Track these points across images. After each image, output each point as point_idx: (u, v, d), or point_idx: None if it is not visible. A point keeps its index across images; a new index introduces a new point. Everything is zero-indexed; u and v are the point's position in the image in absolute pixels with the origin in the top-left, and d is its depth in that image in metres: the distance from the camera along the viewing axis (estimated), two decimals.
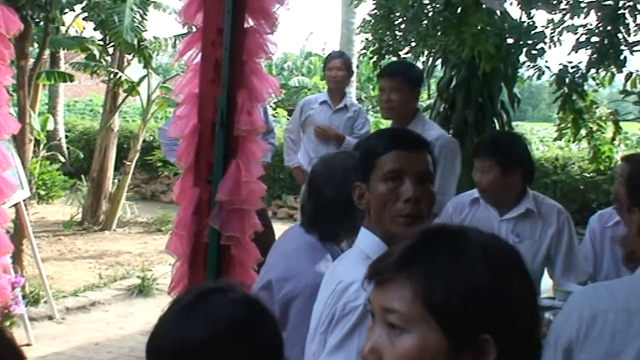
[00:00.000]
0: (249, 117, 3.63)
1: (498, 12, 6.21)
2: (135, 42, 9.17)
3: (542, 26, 6.42)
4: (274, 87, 3.89)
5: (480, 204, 3.67)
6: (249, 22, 3.79)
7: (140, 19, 9.22)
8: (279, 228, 2.73)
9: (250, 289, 2.85)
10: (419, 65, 6.93)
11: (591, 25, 5.93)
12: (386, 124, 17.37)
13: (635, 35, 6.18)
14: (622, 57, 5.82)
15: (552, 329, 2.00)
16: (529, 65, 6.47)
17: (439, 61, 7.08)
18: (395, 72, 4.40)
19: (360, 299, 1.79)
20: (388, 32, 6.02)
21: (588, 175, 9.32)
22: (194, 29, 3.93)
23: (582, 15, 6.08)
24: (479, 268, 1.17)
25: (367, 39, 6.46)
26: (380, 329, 1.22)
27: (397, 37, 6.14)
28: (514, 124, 20.71)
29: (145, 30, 9.51)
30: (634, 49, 6.09)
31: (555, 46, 6.47)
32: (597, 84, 6.78)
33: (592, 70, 6.03)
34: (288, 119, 11.98)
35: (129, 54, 9.73)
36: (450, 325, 1.15)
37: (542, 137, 15.75)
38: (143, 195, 12.68)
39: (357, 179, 2.05)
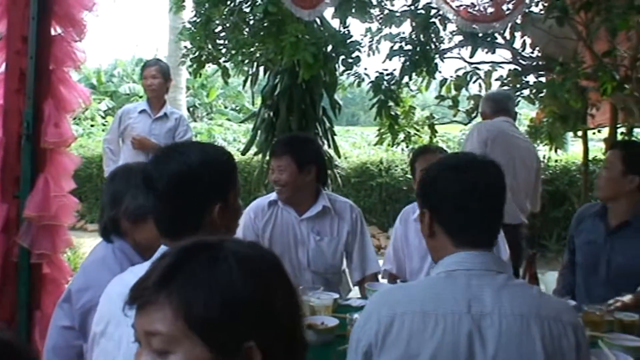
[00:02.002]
0: (56, 128, 3.52)
1: (318, 21, 6.35)
2: None
3: (361, 35, 6.65)
4: (84, 97, 3.78)
5: (279, 206, 3.76)
6: (56, 30, 3.67)
7: None
8: None
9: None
10: (242, 73, 6.99)
11: (404, 33, 6.19)
12: (220, 130, 17.37)
13: (450, 42, 6.54)
14: (433, 64, 6.10)
15: (353, 331, 2.00)
16: (349, 73, 6.67)
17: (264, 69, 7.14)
18: None
19: None
20: (208, 40, 5.99)
21: (410, 177, 9.70)
22: None
23: (398, 24, 6.36)
24: (236, 278, 1.19)
25: (185, 46, 6.40)
26: (147, 355, 1.20)
27: (218, 45, 6.12)
28: (345, 128, 21.19)
29: None
30: (445, 56, 6.44)
31: (373, 54, 6.71)
32: (410, 90, 7.08)
33: (406, 78, 6.26)
34: None
35: None
36: (212, 338, 1.16)
37: (370, 140, 16.29)
38: None
39: (210, 197, 2.02)
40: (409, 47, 6.04)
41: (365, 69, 6.68)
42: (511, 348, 1.79)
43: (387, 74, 6.28)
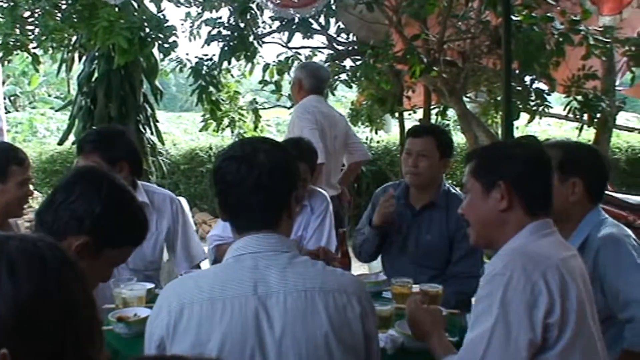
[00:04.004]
0: None
1: (136, 5, 6.20)
2: None
3: (181, 19, 6.59)
4: None
5: None
6: None
7: None
8: None
9: None
10: (55, 60, 6.71)
11: (221, 18, 6.19)
12: (42, 120, 16.62)
13: (269, 27, 6.60)
14: (252, 48, 6.13)
15: (147, 325, 1.97)
16: (171, 58, 6.57)
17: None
18: None
19: None
20: (16, 26, 5.67)
21: None
22: None
23: (217, 9, 6.36)
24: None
25: None
26: None
27: (26, 31, 5.82)
28: (177, 114, 20.79)
29: None
30: (264, 41, 6.50)
31: (195, 39, 6.68)
32: (232, 76, 7.10)
33: (226, 63, 6.27)
34: None
35: None
36: None
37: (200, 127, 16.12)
38: None
39: None
40: (227, 32, 6.04)
41: (187, 54, 6.64)
42: (297, 324, 1.82)
43: (207, 59, 6.26)
